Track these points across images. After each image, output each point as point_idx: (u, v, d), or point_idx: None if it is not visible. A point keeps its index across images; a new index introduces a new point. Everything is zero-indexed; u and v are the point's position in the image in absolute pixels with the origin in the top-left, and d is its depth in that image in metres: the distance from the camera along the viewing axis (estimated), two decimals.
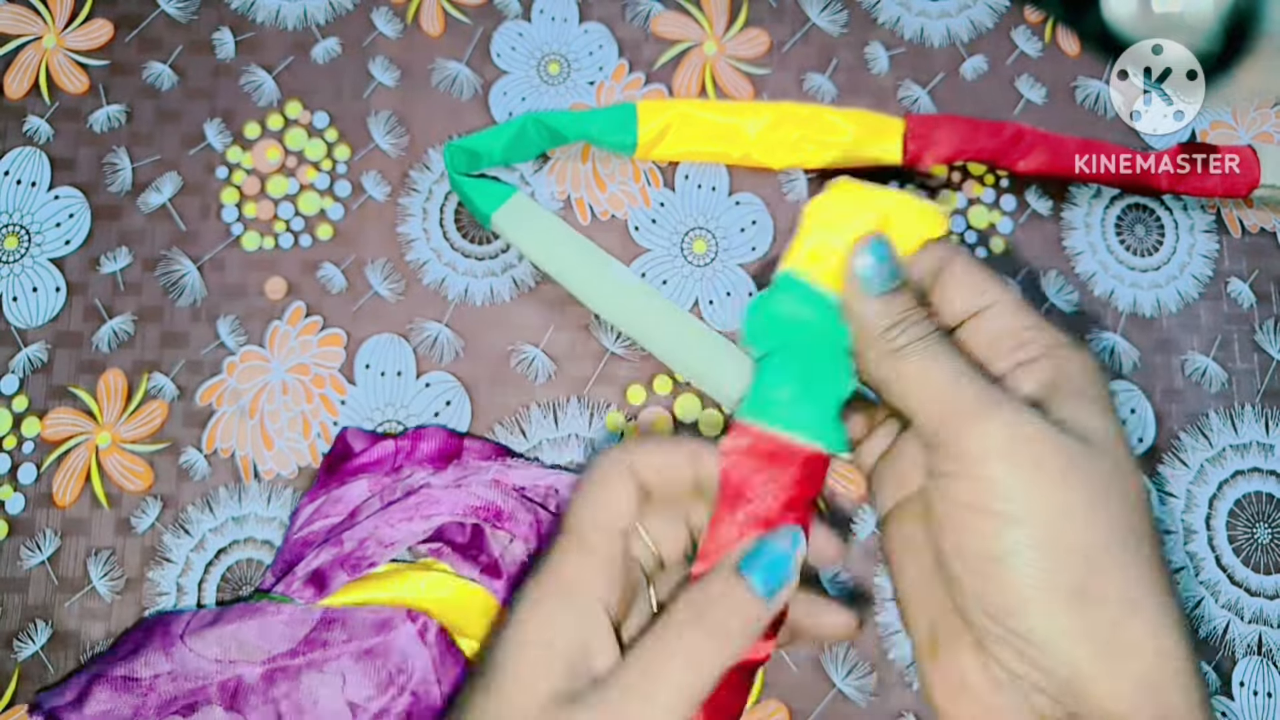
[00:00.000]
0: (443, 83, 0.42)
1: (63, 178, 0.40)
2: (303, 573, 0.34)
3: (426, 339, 0.39)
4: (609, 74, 0.42)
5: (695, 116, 0.40)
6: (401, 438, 0.37)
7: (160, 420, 0.38)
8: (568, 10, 0.43)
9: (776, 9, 0.43)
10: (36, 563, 0.37)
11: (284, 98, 0.41)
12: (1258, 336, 0.41)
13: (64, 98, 0.41)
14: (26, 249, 0.39)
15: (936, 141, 0.40)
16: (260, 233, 0.40)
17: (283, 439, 0.38)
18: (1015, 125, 0.40)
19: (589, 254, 0.39)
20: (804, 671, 0.37)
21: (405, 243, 0.40)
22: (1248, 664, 0.38)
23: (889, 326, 0.26)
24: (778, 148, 0.40)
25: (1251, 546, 0.39)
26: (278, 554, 0.36)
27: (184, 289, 0.39)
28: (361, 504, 0.36)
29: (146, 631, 0.34)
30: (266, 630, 0.33)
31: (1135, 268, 0.41)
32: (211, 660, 0.32)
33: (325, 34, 0.42)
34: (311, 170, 0.41)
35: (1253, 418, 0.40)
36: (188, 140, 0.41)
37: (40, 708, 0.33)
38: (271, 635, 0.33)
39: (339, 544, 0.34)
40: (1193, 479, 0.39)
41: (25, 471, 0.38)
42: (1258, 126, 0.43)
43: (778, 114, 0.40)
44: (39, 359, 0.39)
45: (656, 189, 0.41)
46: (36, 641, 0.36)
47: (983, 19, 0.43)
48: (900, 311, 0.26)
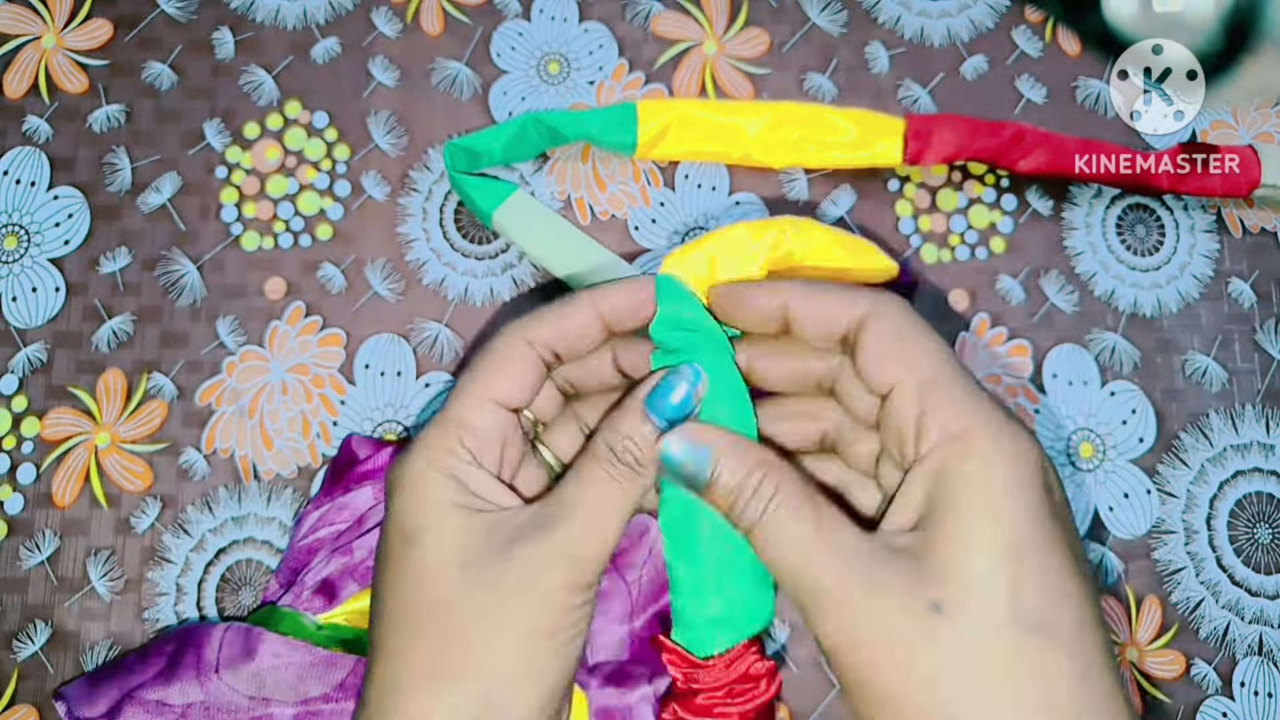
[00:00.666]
0: (442, 82, 0.42)
1: (62, 177, 0.40)
2: (311, 582, 0.34)
3: (426, 339, 0.39)
4: (609, 74, 0.42)
5: (695, 116, 0.40)
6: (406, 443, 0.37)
7: (160, 420, 0.38)
8: (568, 10, 0.42)
9: (777, 9, 0.43)
10: (36, 563, 0.37)
11: (283, 97, 0.41)
12: (1258, 336, 0.41)
13: (63, 97, 0.41)
14: (26, 249, 0.39)
15: (937, 141, 0.39)
16: (260, 233, 0.40)
17: (282, 439, 0.38)
18: (1016, 125, 0.40)
19: (591, 251, 0.39)
20: (804, 671, 0.37)
21: (405, 243, 0.40)
22: (1248, 664, 0.38)
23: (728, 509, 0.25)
24: (778, 148, 0.40)
25: (1252, 547, 0.39)
26: (282, 561, 0.36)
27: (183, 289, 0.39)
28: (368, 511, 0.36)
29: (179, 649, 0.34)
30: (303, 673, 0.33)
31: (1136, 268, 0.41)
32: (245, 696, 0.32)
33: (325, 34, 0.42)
34: (311, 170, 0.41)
35: (1253, 418, 0.40)
36: (187, 140, 0.41)
37: (70, 710, 0.33)
38: (308, 679, 0.33)
39: (348, 552, 0.34)
40: (1193, 479, 0.39)
41: (24, 471, 0.38)
42: (1258, 126, 0.43)
43: (778, 114, 0.40)
44: (38, 359, 0.39)
45: (656, 189, 0.41)
46: (36, 642, 0.36)
47: (983, 19, 0.43)
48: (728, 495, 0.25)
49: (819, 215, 0.41)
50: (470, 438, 0.26)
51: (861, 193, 0.41)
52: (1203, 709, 0.37)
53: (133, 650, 0.36)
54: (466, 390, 0.27)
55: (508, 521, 0.25)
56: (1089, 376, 0.40)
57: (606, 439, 0.26)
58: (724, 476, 0.25)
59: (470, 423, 0.26)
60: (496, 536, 0.25)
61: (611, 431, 0.26)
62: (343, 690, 0.33)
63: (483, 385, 0.27)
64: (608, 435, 0.26)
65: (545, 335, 0.27)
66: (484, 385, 0.27)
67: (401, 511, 0.26)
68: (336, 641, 0.34)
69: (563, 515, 0.25)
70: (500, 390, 0.27)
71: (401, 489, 0.26)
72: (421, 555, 0.25)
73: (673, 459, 0.25)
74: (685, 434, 0.25)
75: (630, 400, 0.27)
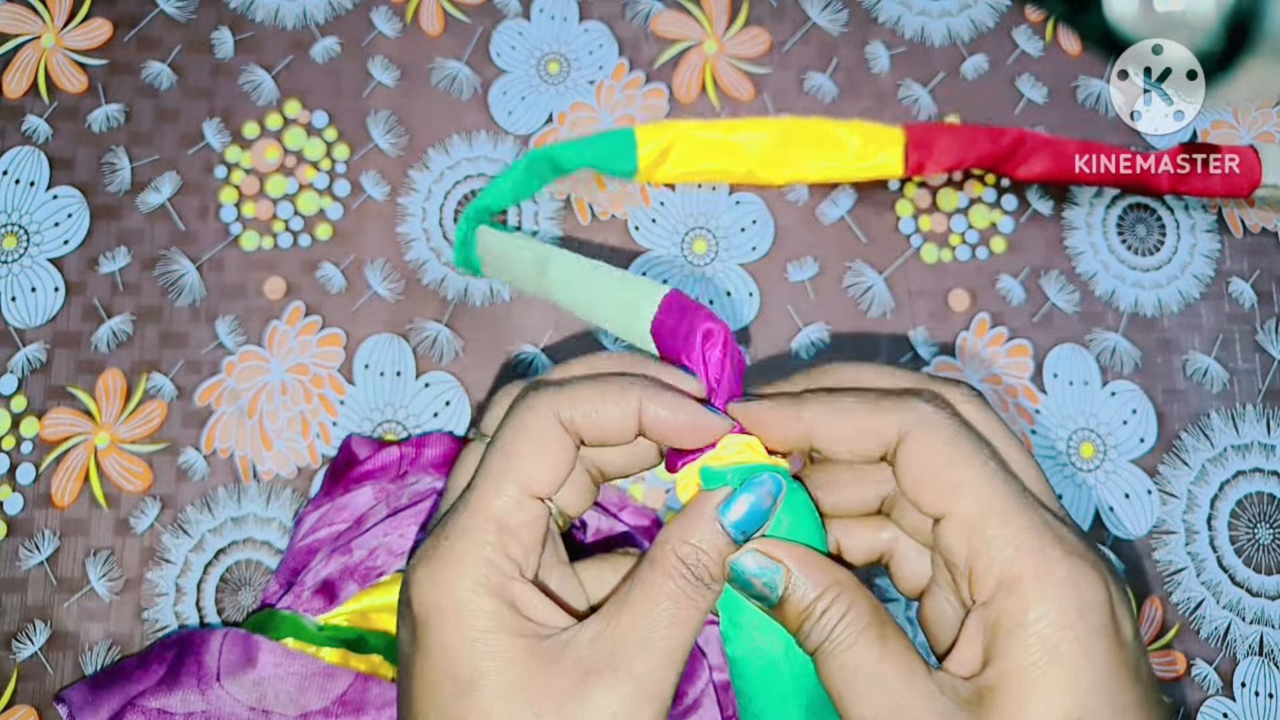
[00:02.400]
0: (442, 82, 0.42)
1: (61, 177, 0.40)
2: (311, 583, 0.34)
3: (426, 339, 0.39)
4: (609, 73, 0.42)
5: (695, 136, 0.40)
6: (406, 444, 0.37)
7: (159, 420, 0.38)
8: (567, 9, 0.42)
9: (777, 8, 0.43)
10: (35, 563, 0.37)
11: (283, 97, 0.41)
12: (1259, 336, 0.40)
13: (63, 97, 0.41)
14: (25, 249, 0.39)
15: (938, 150, 0.39)
16: (259, 232, 0.40)
17: (282, 439, 0.38)
18: (1016, 131, 0.40)
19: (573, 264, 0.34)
20: None
21: (404, 242, 0.40)
22: (1249, 665, 0.38)
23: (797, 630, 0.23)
24: (780, 165, 0.40)
25: (1253, 547, 0.39)
26: (282, 561, 0.36)
27: (183, 289, 0.39)
28: (367, 511, 0.35)
29: (179, 655, 0.34)
30: (303, 684, 0.33)
31: (1137, 267, 0.41)
32: (246, 707, 0.32)
33: (324, 33, 0.42)
34: (310, 170, 0.40)
35: (1254, 418, 0.40)
36: (186, 140, 0.41)
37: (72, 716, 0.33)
38: (308, 690, 0.33)
39: (348, 552, 0.34)
40: (1194, 479, 0.39)
41: (24, 472, 0.37)
42: (1259, 126, 0.43)
43: (779, 129, 0.40)
44: (38, 359, 0.38)
45: (656, 189, 0.41)
46: (35, 642, 0.36)
47: (984, 18, 0.43)
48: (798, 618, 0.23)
49: (819, 215, 0.41)
50: (514, 544, 0.23)
51: (862, 193, 0.41)
52: (1203, 709, 0.37)
53: (132, 655, 0.36)
54: (500, 478, 0.23)
55: (570, 650, 0.22)
56: (1090, 376, 0.40)
57: (678, 550, 0.23)
58: (795, 593, 0.23)
59: (510, 524, 0.23)
60: (560, 669, 0.22)
61: (683, 543, 0.23)
62: (342, 705, 0.33)
63: (517, 473, 0.23)
64: (679, 547, 0.23)
65: (578, 418, 0.24)
66: (520, 474, 0.23)
67: (449, 651, 0.22)
68: (338, 642, 0.34)
69: (637, 643, 0.22)
70: (537, 480, 0.23)
71: (443, 619, 0.22)
72: (482, 705, 0.22)
73: (744, 573, 0.23)
74: (760, 548, 0.23)
75: (704, 507, 0.24)
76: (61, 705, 0.34)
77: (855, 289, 0.40)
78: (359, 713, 0.33)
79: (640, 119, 0.41)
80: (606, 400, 0.24)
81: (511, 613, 0.22)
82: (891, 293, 0.40)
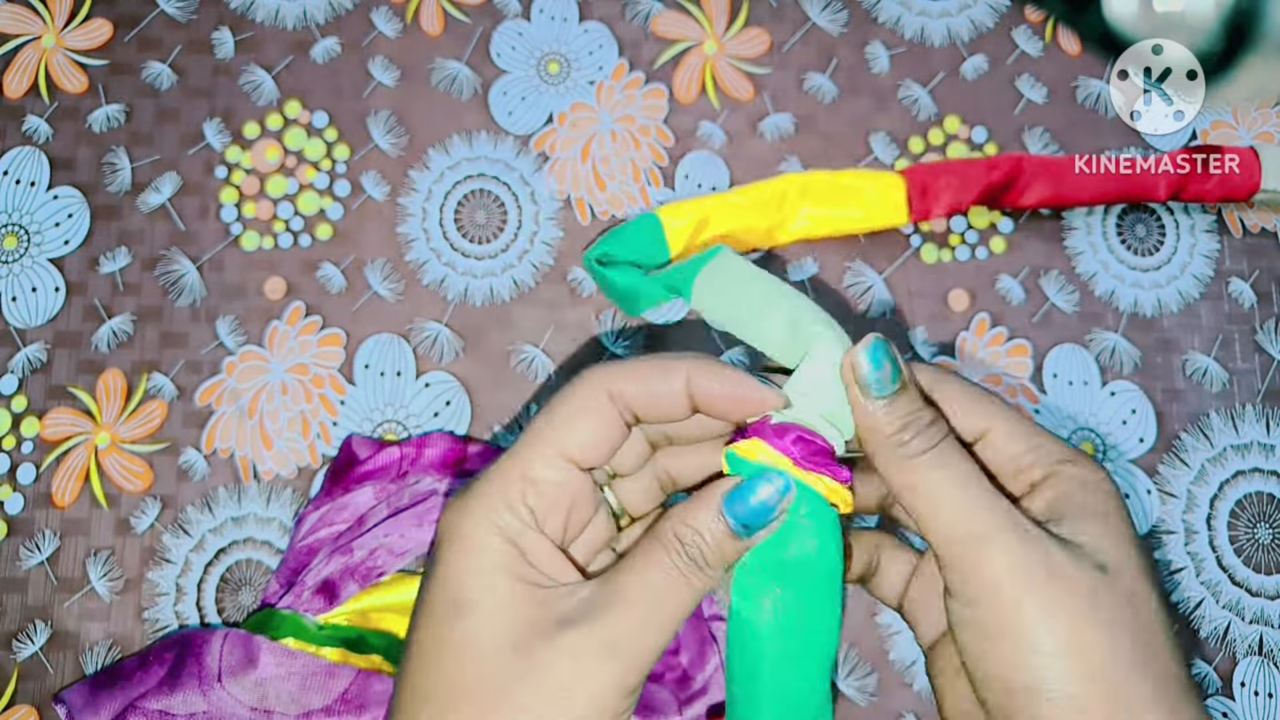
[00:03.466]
0: (442, 82, 0.42)
1: (62, 177, 0.40)
2: (312, 582, 0.34)
3: (426, 339, 0.39)
4: (609, 73, 0.42)
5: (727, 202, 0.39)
6: (406, 444, 0.37)
7: (159, 420, 0.38)
8: (568, 9, 0.42)
9: (777, 8, 0.43)
10: (36, 563, 0.37)
11: (283, 97, 0.41)
12: (1259, 336, 0.41)
13: (63, 97, 0.41)
14: (26, 249, 0.39)
15: (939, 192, 0.39)
16: (259, 232, 0.40)
17: (282, 439, 0.38)
18: (1014, 157, 0.40)
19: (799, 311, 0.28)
20: None
21: (405, 243, 0.40)
22: (1249, 664, 0.38)
23: (898, 430, 0.24)
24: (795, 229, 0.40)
25: (1253, 547, 0.39)
26: (282, 561, 0.36)
27: (183, 289, 0.39)
28: (368, 511, 0.36)
29: (180, 656, 0.34)
30: (305, 683, 0.33)
31: (1136, 268, 0.41)
32: (247, 708, 0.33)
33: (325, 33, 0.42)
34: (311, 170, 0.41)
35: (1254, 418, 0.40)
36: (187, 140, 0.41)
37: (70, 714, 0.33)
38: (309, 689, 0.33)
39: (348, 552, 0.34)
40: (1194, 479, 0.39)
41: (24, 472, 0.38)
42: (1258, 126, 0.43)
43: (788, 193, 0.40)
44: (38, 359, 0.38)
45: (656, 189, 0.41)
46: (36, 642, 0.36)
47: (983, 18, 0.43)
48: (904, 415, 0.24)
49: None
50: (534, 496, 0.24)
51: None
52: None
53: (132, 656, 0.36)
54: (536, 439, 0.24)
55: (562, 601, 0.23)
56: (1089, 376, 0.40)
57: (676, 529, 0.24)
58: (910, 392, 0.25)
59: (536, 479, 0.24)
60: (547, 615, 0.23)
61: (682, 523, 0.24)
62: (344, 702, 0.33)
63: (555, 437, 0.24)
64: (678, 526, 0.24)
65: (630, 392, 0.24)
66: (556, 437, 0.24)
67: (451, 574, 0.24)
68: (338, 641, 0.34)
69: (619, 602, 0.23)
70: (572, 445, 0.24)
71: (452, 545, 0.24)
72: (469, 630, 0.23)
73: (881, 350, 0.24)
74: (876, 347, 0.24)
75: (709, 493, 0.24)
76: (61, 706, 0.34)
77: (855, 289, 0.40)
78: (361, 709, 0.33)
79: (640, 119, 0.41)
80: (655, 373, 0.25)
81: (518, 557, 0.24)
82: (891, 293, 0.40)
